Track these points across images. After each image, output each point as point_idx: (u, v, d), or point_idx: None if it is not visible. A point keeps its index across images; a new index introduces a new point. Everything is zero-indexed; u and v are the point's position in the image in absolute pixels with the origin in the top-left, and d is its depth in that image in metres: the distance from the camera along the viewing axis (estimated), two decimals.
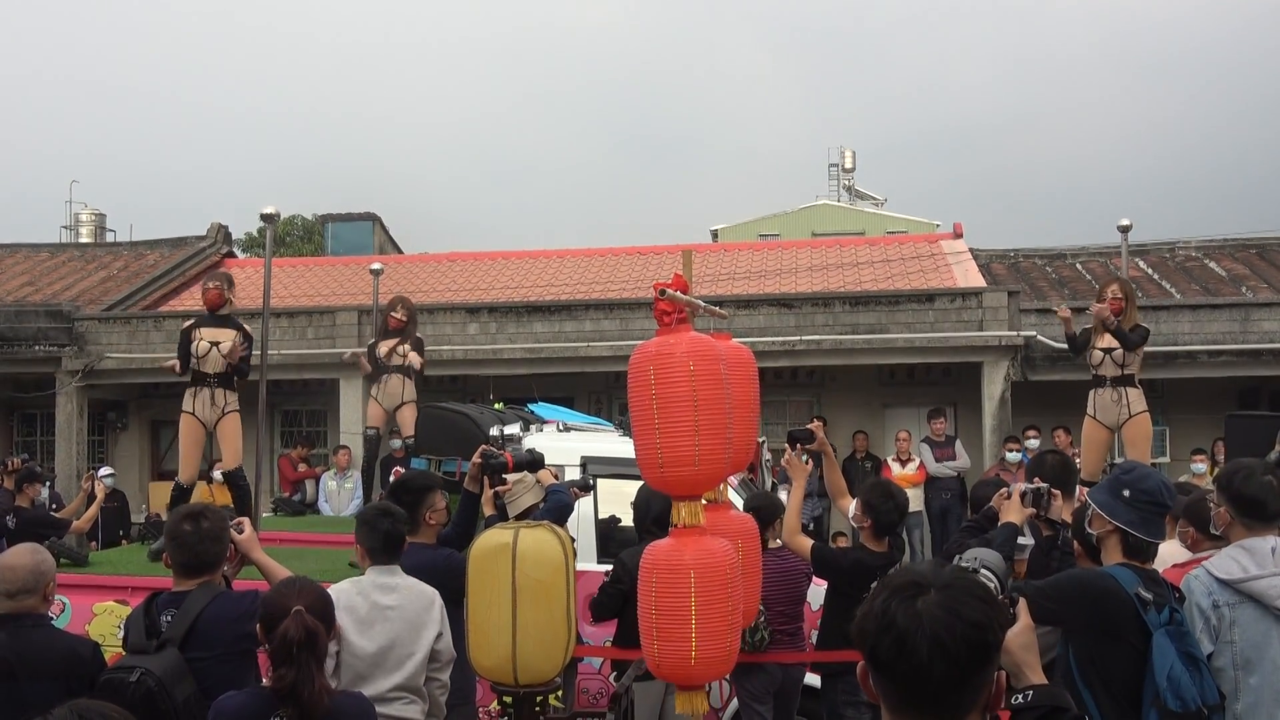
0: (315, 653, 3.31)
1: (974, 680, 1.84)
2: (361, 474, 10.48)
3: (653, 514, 5.67)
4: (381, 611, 4.33)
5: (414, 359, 9.74)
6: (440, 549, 5.19)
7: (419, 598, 4.47)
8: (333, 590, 3.86)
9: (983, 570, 3.65)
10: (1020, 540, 4.42)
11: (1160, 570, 4.03)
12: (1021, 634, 2.64)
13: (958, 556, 3.86)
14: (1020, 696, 2.56)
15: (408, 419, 9.56)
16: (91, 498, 10.41)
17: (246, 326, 8.26)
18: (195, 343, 8.08)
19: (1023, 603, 2.77)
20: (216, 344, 8.03)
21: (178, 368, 8.26)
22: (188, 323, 8.33)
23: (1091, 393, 8.39)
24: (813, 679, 6.39)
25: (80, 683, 3.84)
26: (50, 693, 3.69)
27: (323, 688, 3.30)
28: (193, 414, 8.11)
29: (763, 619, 5.93)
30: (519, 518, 5.55)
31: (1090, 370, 8.46)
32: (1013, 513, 4.44)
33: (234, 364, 8.05)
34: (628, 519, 6.76)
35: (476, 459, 5.39)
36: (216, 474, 10.40)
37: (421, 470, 6.59)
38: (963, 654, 1.80)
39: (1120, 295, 8.24)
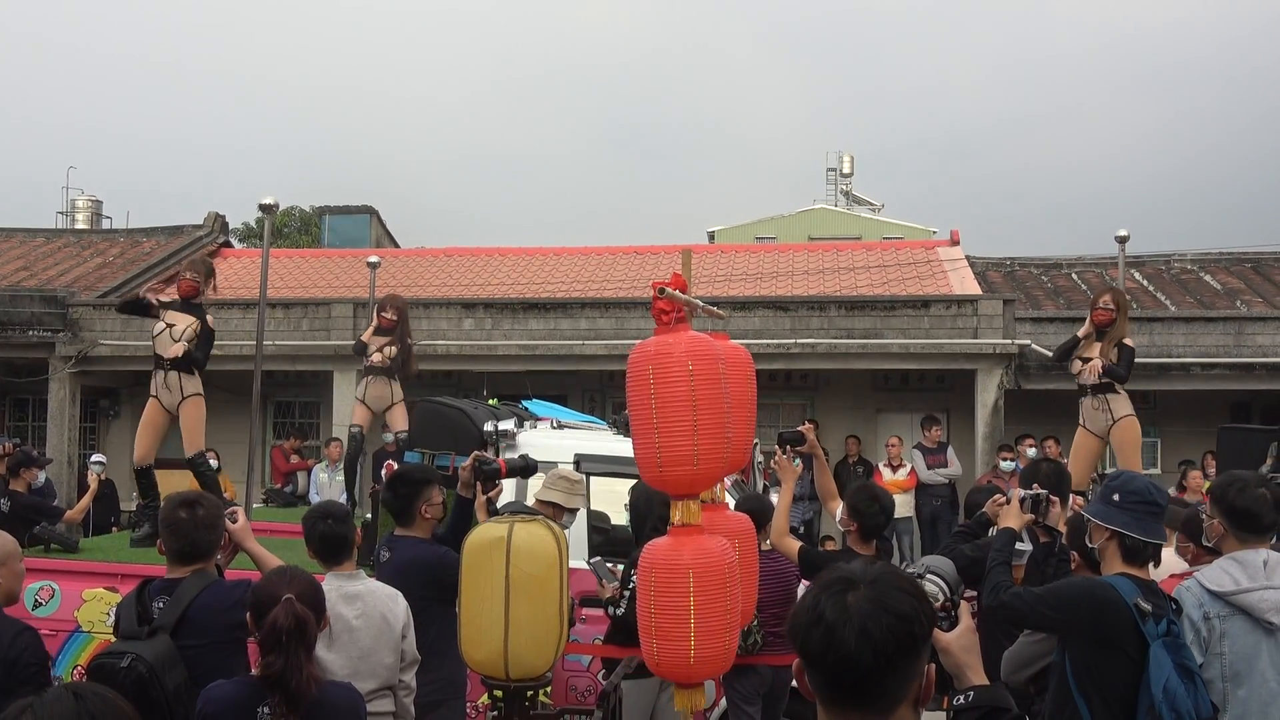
0: (304, 641, 3.30)
1: (902, 671, 1.89)
2: (344, 469, 10.45)
3: (653, 519, 5.63)
4: (346, 625, 4.29)
5: (389, 352, 9.57)
6: (435, 545, 5.18)
7: (383, 602, 4.43)
8: None
9: (929, 575, 3.68)
10: (1018, 546, 4.43)
11: (1159, 581, 4.05)
12: (963, 635, 2.68)
13: (906, 563, 3.92)
14: (961, 697, 2.61)
15: (398, 417, 9.51)
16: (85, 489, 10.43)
17: (209, 318, 8.25)
18: (158, 321, 8.13)
19: (965, 605, 2.82)
20: (171, 327, 8.06)
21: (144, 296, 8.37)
22: (164, 297, 8.41)
23: (1080, 402, 8.41)
24: None
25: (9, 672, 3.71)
26: None
27: (311, 676, 3.30)
28: (155, 397, 8.16)
29: (755, 622, 5.93)
30: (538, 503, 5.58)
31: (1075, 381, 8.45)
32: (1011, 518, 4.44)
33: (189, 351, 8.04)
34: (619, 517, 6.77)
35: (469, 464, 5.37)
36: None
37: (421, 464, 6.58)
38: (889, 645, 1.86)
39: (1111, 306, 8.22)
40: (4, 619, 4.00)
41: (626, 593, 5.72)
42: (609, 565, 6.07)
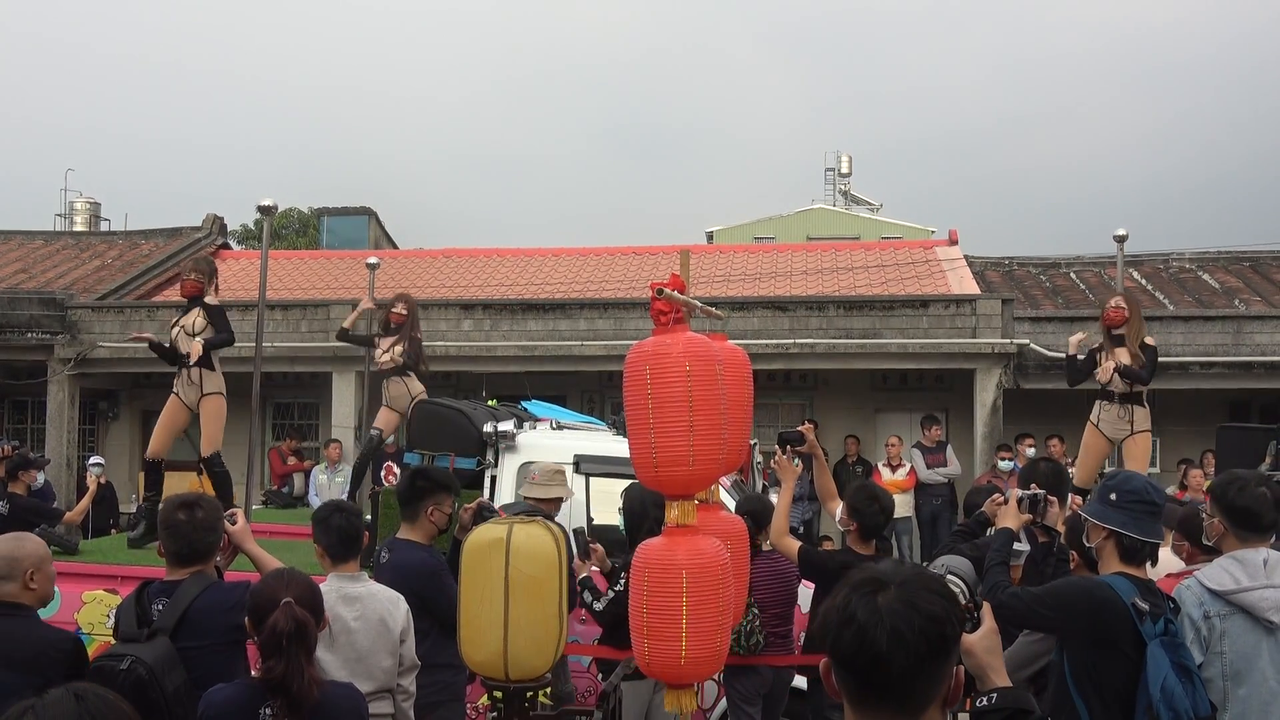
0: (305, 644, 3.30)
1: (932, 672, 1.90)
2: (354, 469, 10.40)
3: (649, 522, 5.61)
4: (345, 626, 4.29)
5: (397, 351, 9.40)
6: (434, 556, 5.19)
7: (383, 605, 4.43)
8: None
9: (949, 577, 3.69)
10: (1016, 546, 4.43)
11: (1156, 580, 4.05)
12: (986, 637, 2.69)
13: (927, 563, 3.92)
14: (984, 699, 2.62)
15: None
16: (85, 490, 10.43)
17: (210, 300, 8.26)
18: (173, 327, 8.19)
19: (987, 607, 2.83)
20: (182, 326, 8.14)
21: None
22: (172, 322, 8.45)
23: (1098, 402, 8.30)
24: (799, 681, 6.39)
25: (55, 678, 3.64)
26: (15, 684, 3.58)
27: (312, 679, 3.30)
28: (177, 394, 8.18)
29: (757, 622, 5.93)
30: (539, 501, 5.54)
31: (1098, 384, 8.34)
32: (1009, 518, 4.44)
33: (206, 339, 8.05)
34: (607, 516, 6.75)
35: (472, 508, 5.38)
36: None
37: (447, 471, 6.57)
38: (920, 646, 1.86)
39: (1123, 305, 8.19)
40: (56, 632, 4.05)
41: (612, 593, 5.72)
42: (592, 544, 6.02)
